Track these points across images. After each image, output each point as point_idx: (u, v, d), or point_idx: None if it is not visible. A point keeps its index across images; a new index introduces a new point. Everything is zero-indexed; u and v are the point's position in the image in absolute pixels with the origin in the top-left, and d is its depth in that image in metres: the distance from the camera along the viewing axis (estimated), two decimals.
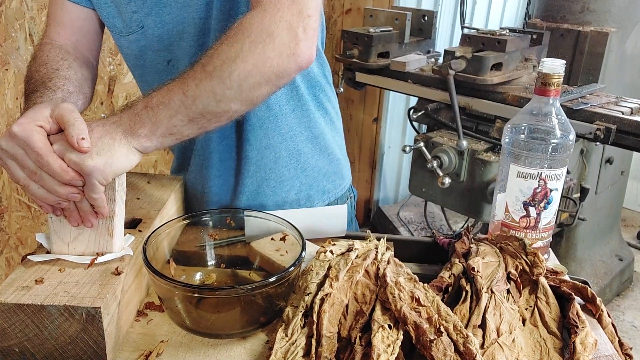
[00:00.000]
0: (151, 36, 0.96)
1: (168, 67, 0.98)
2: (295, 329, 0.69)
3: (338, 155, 1.16)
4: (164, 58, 0.98)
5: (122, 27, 0.97)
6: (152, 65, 1.00)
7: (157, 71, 1.00)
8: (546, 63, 0.85)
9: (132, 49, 0.99)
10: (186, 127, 0.74)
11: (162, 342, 0.71)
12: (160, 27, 0.95)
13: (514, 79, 1.87)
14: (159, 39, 0.96)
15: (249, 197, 1.07)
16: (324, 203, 1.13)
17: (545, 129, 0.86)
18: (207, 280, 0.85)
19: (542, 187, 0.87)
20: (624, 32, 2.19)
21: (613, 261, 2.64)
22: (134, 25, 0.95)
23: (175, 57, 0.97)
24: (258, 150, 1.03)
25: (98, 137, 0.70)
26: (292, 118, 1.04)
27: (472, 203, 1.82)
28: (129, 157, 0.72)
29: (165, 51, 0.97)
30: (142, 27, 0.95)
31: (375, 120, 3.02)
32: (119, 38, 1.00)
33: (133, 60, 1.02)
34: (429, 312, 0.68)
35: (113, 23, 0.97)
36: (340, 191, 1.17)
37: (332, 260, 0.81)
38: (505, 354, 0.66)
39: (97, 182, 0.70)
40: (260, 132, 1.02)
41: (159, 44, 0.96)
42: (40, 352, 0.67)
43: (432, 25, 2.18)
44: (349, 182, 1.21)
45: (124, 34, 0.98)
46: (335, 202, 1.15)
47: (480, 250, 0.84)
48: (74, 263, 0.73)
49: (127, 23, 0.96)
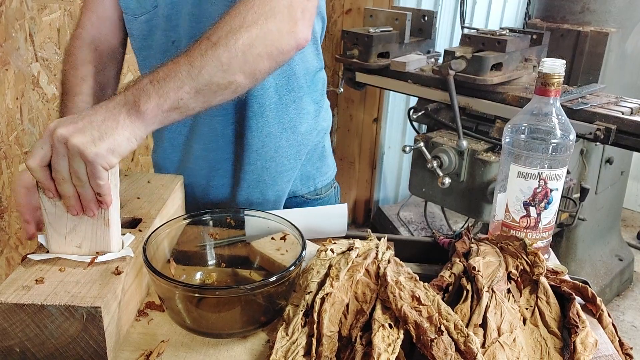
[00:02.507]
0: (162, 16, 1.00)
1: (173, 47, 1.01)
2: (295, 328, 0.69)
3: (327, 147, 1.21)
4: (170, 38, 1.01)
5: (136, 8, 1.01)
6: (158, 46, 1.03)
7: (162, 51, 1.02)
8: (546, 63, 0.85)
9: (143, 29, 1.03)
10: (192, 99, 0.74)
11: (162, 341, 0.71)
12: (170, 7, 0.98)
13: (514, 79, 1.87)
14: (168, 18, 0.99)
15: (250, 185, 1.09)
16: (308, 189, 1.17)
17: (546, 129, 0.86)
18: (207, 279, 0.85)
19: (543, 187, 0.87)
20: (624, 32, 2.19)
21: (613, 261, 2.64)
22: (148, 5, 1.00)
23: (179, 37, 1.00)
24: (259, 137, 1.05)
25: (101, 120, 0.70)
26: (292, 109, 1.07)
27: (472, 203, 1.82)
28: (131, 140, 0.72)
29: (172, 31, 1.00)
30: (156, 6, 0.99)
31: (375, 120, 3.02)
32: (130, 20, 1.04)
33: (141, 42, 1.05)
34: (429, 311, 0.68)
35: (127, 5, 1.02)
36: (327, 179, 1.21)
37: (333, 259, 0.81)
38: (506, 353, 0.66)
39: (102, 167, 0.69)
40: (262, 119, 1.04)
41: (167, 24, 1.00)
42: (40, 352, 0.67)
43: (432, 25, 2.18)
44: (334, 172, 1.25)
45: (137, 15, 1.02)
46: (320, 191, 1.19)
47: (481, 250, 0.84)
48: (75, 262, 0.73)
49: (141, 3, 1.00)
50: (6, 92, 1.68)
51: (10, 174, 1.75)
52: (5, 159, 1.72)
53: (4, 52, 1.65)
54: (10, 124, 1.70)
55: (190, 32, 0.98)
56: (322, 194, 1.20)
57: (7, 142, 1.70)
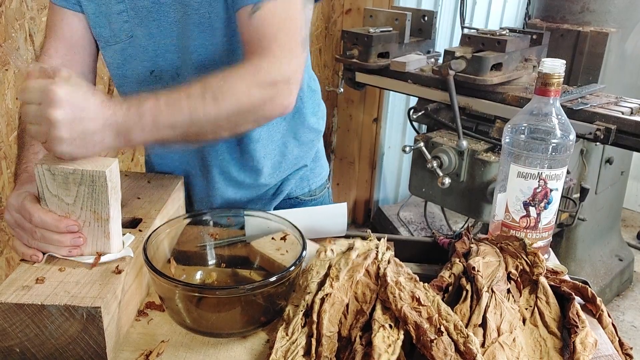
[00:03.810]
0: (138, 46, 0.97)
1: (151, 77, 0.99)
2: (295, 328, 0.69)
3: (321, 148, 1.23)
4: (148, 68, 0.99)
5: (109, 37, 0.98)
6: (134, 75, 1.00)
7: (139, 81, 1.00)
8: (546, 63, 0.85)
9: (117, 58, 1.00)
10: (178, 141, 0.81)
11: (162, 342, 0.71)
12: (147, 39, 0.96)
13: (514, 79, 1.87)
14: (144, 49, 0.97)
15: None
16: (303, 191, 1.18)
17: (546, 129, 0.86)
18: (207, 279, 0.85)
19: (542, 187, 0.87)
20: (624, 32, 2.19)
21: (613, 261, 2.64)
22: (123, 35, 0.97)
23: (159, 68, 0.98)
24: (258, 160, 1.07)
25: (91, 132, 0.71)
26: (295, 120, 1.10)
27: (472, 203, 1.82)
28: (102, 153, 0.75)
29: (150, 62, 0.98)
30: (132, 36, 0.96)
31: (375, 121, 3.02)
32: (104, 47, 1.01)
33: (115, 70, 1.02)
34: (429, 312, 0.68)
35: (99, 32, 0.99)
36: (320, 180, 1.22)
37: (333, 259, 0.81)
38: (506, 353, 0.66)
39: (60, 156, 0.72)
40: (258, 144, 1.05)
41: (144, 54, 0.97)
42: (40, 352, 0.67)
43: (432, 25, 2.18)
44: (327, 173, 1.26)
45: (110, 43, 0.99)
46: (315, 192, 1.20)
47: (481, 250, 0.84)
48: (75, 262, 0.73)
49: (115, 33, 0.97)
50: (6, 92, 1.68)
51: (10, 174, 1.75)
52: (5, 159, 1.72)
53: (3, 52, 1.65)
54: (10, 124, 1.70)
55: (173, 64, 0.97)
56: (317, 194, 1.21)
57: (7, 142, 1.70)
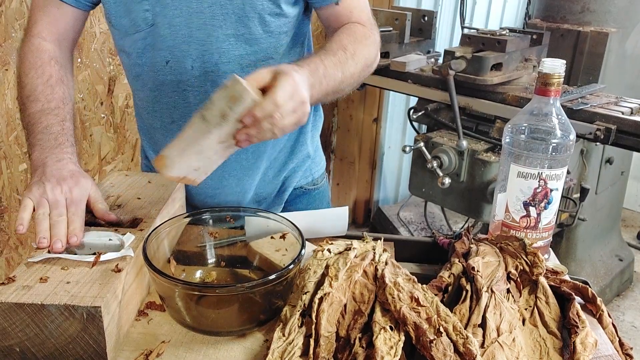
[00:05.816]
0: (157, 35, 0.97)
1: (166, 67, 0.99)
2: (292, 328, 0.69)
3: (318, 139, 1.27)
4: (164, 58, 0.99)
5: (129, 26, 0.98)
6: (150, 64, 1.01)
7: (154, 70, 1.01)
8: (546, 63, 0.85)
9: (136, 47, 1.00)
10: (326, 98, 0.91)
11: (163, 342, 0.71)
12: (167, 27, 0.96)
13: (514, 79, 1.87)
14: (163, 38, 0.97)
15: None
16: (307, 180, 1.23)
17: (546, 129, 0.86)
18: (207, 278, 0.85)
19: (543, 187, 0.87)
20: (624, 32, 2.19)
21: (613, 261, 2.64)
22: (143, 23, 0.97)
23: (175, 59, 0.98)
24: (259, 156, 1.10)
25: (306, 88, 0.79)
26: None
27: (472, 203, 1.82)
28: None
29: (167, 51, 0.98)
30: (152, 24, 0.96)
31: (375, 120, 3.02)
32: (122, 37, 1.01)
33: (134, 59, 1.03)
34: (428, 313, 0.68)
35: (119, 22, 0.99)
36: (320, 169, 1.26)
37: (330, 259, 0.81)
38: (506, 353, 0.66)
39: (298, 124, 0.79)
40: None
41: (162, 44, 0.98)
42: (40, 352, 0.67)
43: (432, 25, 2.18)
44: (324, 162, 1.30)
45: (130, 33, 0.99)
46: (317, 180, 1.25)
47: (480, 250, 0.84)
48: (75, 262, 0.73)
49: (135, 22, 0.97)
50: (6, 92, 1.68)
51: (10, 174, 1.75)
52: (5, 158, 1.72)
53: (3, 52, 1.65)
54: (10, 124, 1.70)
55: (192, 54, 0.97)
56: (319, 183, 1.26)
57: (7, 142, 1.70)
